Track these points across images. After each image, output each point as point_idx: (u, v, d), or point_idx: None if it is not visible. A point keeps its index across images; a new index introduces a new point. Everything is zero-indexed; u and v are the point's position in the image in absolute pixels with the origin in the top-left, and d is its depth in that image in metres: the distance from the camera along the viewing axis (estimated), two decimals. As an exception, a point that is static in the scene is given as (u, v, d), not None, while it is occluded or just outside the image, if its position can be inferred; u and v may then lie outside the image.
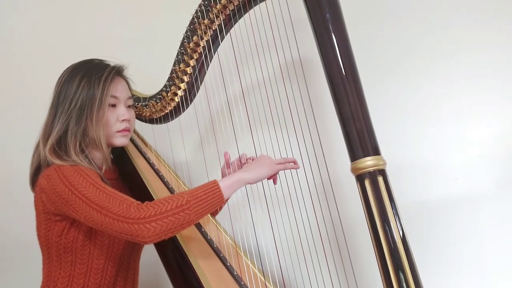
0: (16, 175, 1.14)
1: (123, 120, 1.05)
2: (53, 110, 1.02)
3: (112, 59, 1.09)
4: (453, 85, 1.31)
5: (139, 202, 0.85)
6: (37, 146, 1.02)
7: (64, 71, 1.05)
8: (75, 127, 0.98)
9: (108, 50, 1.17)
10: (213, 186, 0.88)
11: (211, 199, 0.87)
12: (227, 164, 1.10)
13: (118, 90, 1.05)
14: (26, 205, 1.11)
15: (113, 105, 1.04)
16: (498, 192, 1.24)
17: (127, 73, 1.12)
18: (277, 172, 1.01)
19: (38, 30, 1.81)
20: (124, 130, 1.06)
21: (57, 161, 0.95)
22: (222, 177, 1.11)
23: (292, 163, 1.03)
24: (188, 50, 1.13)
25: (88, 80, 1.00)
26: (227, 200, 1.12)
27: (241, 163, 1.09)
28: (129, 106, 1.10)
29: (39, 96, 1.09)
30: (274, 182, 1.03)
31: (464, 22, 1.31)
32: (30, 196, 1.04)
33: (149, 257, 1.17)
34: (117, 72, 1.06)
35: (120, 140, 1.07)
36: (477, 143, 1.28)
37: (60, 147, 0.98)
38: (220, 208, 1.19)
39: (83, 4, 1.78)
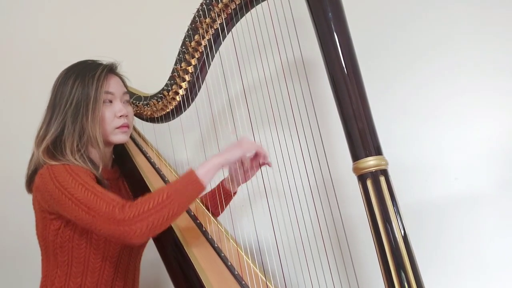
0: (17, 173, 1.13)
1: (121, 116, 1.05)
2: (49, 112, 1.02)
3: (112, 59, 1.09)
4: (454, 85, 1.31)
5: (124, 203, 0.85)
6: (33, 153, 1.02)
7: (59, 74, 1.05)
8: (72, 126, 0.98)
9: (109, 49, 1.17)
10: (191, 176, 0.89)
11: (191, 189, 0.88)
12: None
13: (112, 85, 1.05)
14: (26, 203, 1.11)
15: (110, 101, 1.04)
16: (498, 192, 1.25)
17: (122, 70, 1.12)
18: (251, 153, 1.05)
19: (38, 29, 1.81)
20: (123, 126, 1.05)
21: (50, 162, 0.95)
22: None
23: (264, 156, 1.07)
24: (190, 49, 1.12)
25: (82, 80, 1.00)
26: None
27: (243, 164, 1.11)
28: (126, 102, 1.09)
29: (40, 95, 1.09)
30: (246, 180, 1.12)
31: (465, 22, 1.32)
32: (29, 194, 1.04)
33: (150, 256, 1.16)
34: (110, 69, 1.07)
35: (119, 137, 1.06)
36: (477, 143, 1.28)
37: (55, 147, 0.98)
38: (221, 208, 1.19)
39: (84, 4, 1.78)
